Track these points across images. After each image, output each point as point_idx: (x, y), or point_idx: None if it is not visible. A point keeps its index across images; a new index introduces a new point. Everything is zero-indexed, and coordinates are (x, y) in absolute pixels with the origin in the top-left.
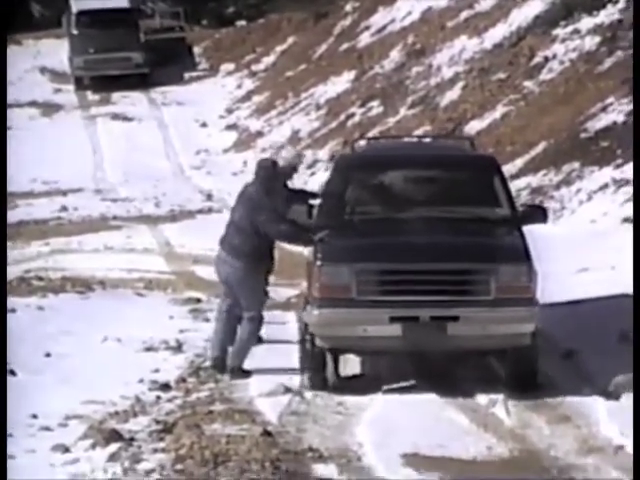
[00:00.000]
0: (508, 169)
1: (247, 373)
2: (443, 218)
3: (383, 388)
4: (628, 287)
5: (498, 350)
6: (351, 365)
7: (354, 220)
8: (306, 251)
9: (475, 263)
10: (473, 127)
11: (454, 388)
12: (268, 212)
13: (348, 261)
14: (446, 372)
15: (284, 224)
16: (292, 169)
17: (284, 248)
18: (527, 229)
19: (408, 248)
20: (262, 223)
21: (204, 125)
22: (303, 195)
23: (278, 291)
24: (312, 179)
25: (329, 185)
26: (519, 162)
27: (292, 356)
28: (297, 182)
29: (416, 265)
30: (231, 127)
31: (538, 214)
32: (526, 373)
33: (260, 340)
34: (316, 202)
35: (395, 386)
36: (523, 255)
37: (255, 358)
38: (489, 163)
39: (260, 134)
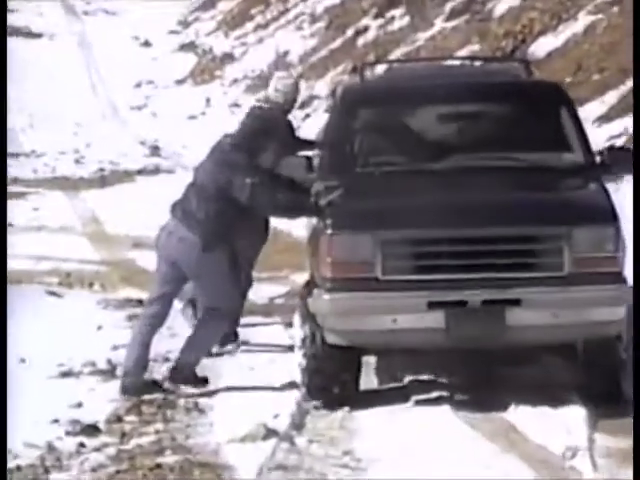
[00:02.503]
0: (595, 107)
1: (200, 381)
2: (493, 168)
3: (411, 399)
4: None
5: (572, 345)
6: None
7: (371, 174)
8: (301, 224)
9: (541, 227)
10: (542, 46)
11: (508, 404)
12: (248, 173)
13: (369, 228)
14: (501, 380)
15: (280, 192)
16: (290, 103)
17: None
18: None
19: (450, 209)
20: (243, 193)
21: (147, 44)
22: (300, 144)
23: (257, 288)
24: (306, 123)
25: (331, 127)
26: (611, 97)
27: (278, 377)
28: None
29: (461, 232)
30: (187, 47)
31: (624, 160)
32: (609, 377)
33: (235, 339)
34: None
35: (423, 397)
36: (608, 214)
37: (223, 379)
38: (553, 92)
39: (230, 58)
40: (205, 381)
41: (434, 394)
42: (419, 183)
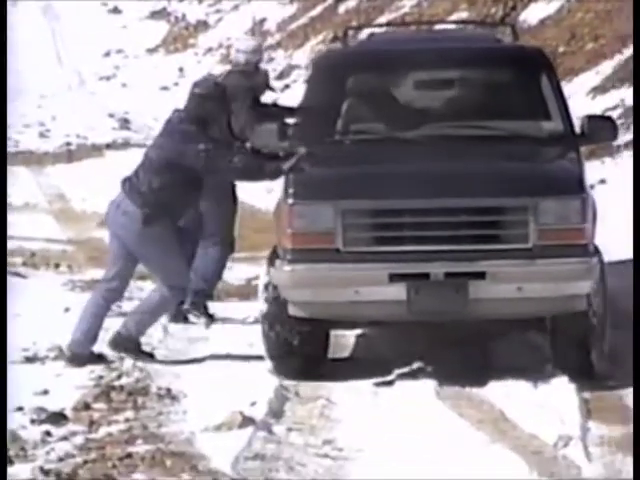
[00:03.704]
0: (589, 78)
1: (143, 354)
2: (467, 137)
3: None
4: None
5: (539, 319)
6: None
7: (345, 142)
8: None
9: (506, 198)
10: (534, 13)
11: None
12: (201, 141)
13: (331, 197)
14: (470, 354)
15: (236, 157)
16: (252, 65)
17: (241, 205)
18: None
19: (414, 179)
20: (199, 161)
21: (116, 11)
22: (277, 111)
23: (233, 269)
24: (285, 95)
25: (310, 92)
26: (606, 67)
27: (256, 362)
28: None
29: (424, 202)
30: (158, 14)
31: (603, 128)
32: (578, 352)
33: (210, 318)
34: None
35: (381, 380)
36: (575, 185)
37: (197, 365)
38: (534, 57)
39: (204, 25)
40: (150, 356)
41: (407, 368)
42: (388, 152)
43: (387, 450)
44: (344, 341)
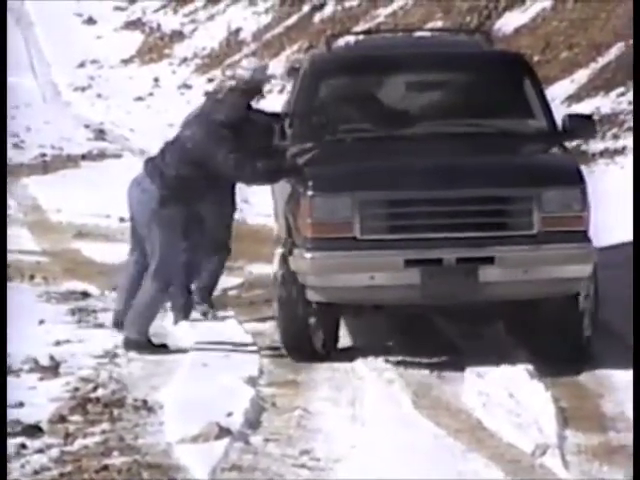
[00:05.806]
0: (564, 86)
1: (156, 347)
2: (461, 134)
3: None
4: None
5: (537, 301)
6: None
7: (343, 141)
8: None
9: (512, 188)
10: (509, 22)
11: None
12: (232, 149)
13: (348, 189)
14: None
15: (259, 161)
16: (255, 84)
17: None
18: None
19: (426, 172)
20: (228, 166)
21: (90, 21)
22: (267, 118)
23: None
24: (261, 104)
25: (300, 95)
26: (581, 75)
27: (232, 373)
28: None
29: (437, 193)
30: (133, 25)
31: (584, 126)
32: (572, 334)
33: (212, 307)
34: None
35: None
36: (575, 176)
37: (175, 376)
38: (516, 62)
39: (179, 35)
40: (164, 347)
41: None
42: (391, 148)
43: (364, 460)
44: None
